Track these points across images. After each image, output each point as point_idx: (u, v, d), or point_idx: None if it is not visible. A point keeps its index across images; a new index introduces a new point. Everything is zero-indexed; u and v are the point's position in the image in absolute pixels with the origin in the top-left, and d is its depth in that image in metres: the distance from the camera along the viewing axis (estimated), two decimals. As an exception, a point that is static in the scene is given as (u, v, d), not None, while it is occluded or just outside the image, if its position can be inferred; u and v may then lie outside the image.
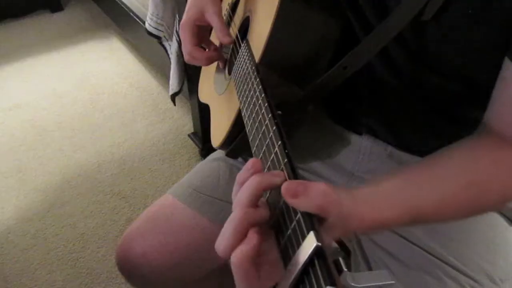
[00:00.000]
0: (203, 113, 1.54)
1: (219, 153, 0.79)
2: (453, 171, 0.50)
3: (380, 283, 0.30)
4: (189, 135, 1.73)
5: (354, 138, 0.69)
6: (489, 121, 0.54)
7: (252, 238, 0.34)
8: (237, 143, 0.65)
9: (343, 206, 0.39)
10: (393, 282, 0.31)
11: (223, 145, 0.67)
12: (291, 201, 0.34)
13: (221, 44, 0.76)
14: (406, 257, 0.64)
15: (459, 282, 0.61)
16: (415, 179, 0.49)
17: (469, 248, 0.63)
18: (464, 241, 0.64)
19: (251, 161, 0.39)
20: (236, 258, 0.34)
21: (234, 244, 0.35)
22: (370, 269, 0.66)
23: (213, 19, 0.67)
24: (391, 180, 0.48)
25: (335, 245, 0.38)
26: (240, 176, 0.39)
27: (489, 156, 0.51)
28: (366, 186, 0.47)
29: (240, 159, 0.76)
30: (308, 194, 0.35)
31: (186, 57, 0.71)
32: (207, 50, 0.73)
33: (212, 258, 0.76)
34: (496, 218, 0.66)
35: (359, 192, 0.45)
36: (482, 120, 0.55)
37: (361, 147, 0.69)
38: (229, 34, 0.67)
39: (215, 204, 0.73)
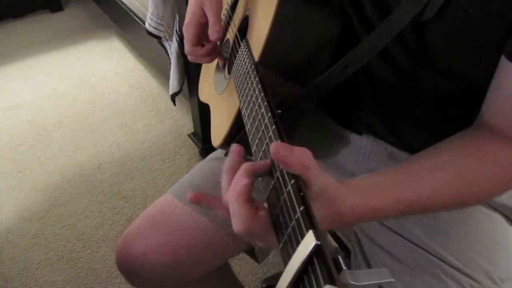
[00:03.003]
0: (203, 113, 1.54)
1: (219, 153, 0.79)
2: (443, 163, 0.51)
3: (380, 281, 0.30)
4: (189, 135, 1.73)
5: (354, 138, 0.69)
6: (483, 115, 0.55)
7: (241, 178, 0.39)
8: (236, 143, 0.65)
9: (326, 177, 0.41)
10: (392, 279, 0.31)
11: (223, 145, 0.67)
12: (278, 157, 0.38)
13: (221, 43, 0.76)
14: (406, 257, 0.63)
15: (459, 282, 0.61)
16: (405, 169, 0.51)
17: (469, 248, 0.63)
18: (464, 241, 0.64)
19: (232, 148, 0.44)
20: (230, 195, 0.39)
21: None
22: (370, 268, 0.66)
23: (208, 14, 0.66)
24: (382, 172, 0.50)
25: (335, 244, 0.38)
26: (226, 164, 0.43)
27: (478, 150, 0.52)
28: (358, 178, 0.49)
29: (240, 159, 0.76)
30: (293, 153, 0.38)
31: (189, 57, 0.71)
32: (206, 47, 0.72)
33: (212, 258, 0.76)
34: (496, 218, 0.66)
35: (350, 181, 0.47)
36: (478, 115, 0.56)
37: (361, 147, 0.69)
38: (218, 31, 0.66)
39: (215, 203, 0.73)
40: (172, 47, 1.44)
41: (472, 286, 0.61)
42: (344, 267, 0.30)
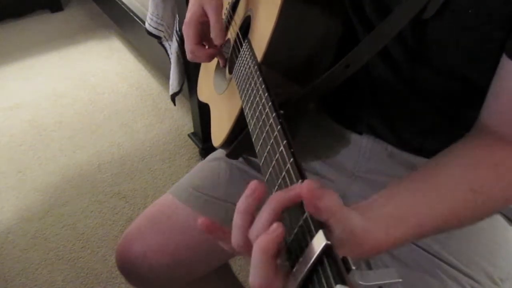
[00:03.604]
0: (203, 113, 1.54)
1: (219, 153, 0.79)
2: (455, 180, 0.49)
3: (388, 281, 0.31)
4: (189, 135, 1.73)
5: (354, 137, 0.69)
6: (485, 120, 0.54)
7: (278, 227, 0.34)
8: (238, 143, 0.65)
9: (352, 219, 0.38)
10: (400, 280, 0.31)
11: (224, 145, 0.67)
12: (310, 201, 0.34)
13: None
14: (406, 257, 0.64)
15: (459, 282, 0.61)
16: (422, 192, 0.49)
17: (469, 248, 0.63)
18: (464, 241, 0.64)
19: (252, 185, 0.38)
20: (261, 244, 0.33)
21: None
22: (370, 269, 0.66)
23: (210, 14, 0.65)
24: (399, 194, 0.48)
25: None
26: (242, 204, 0.38)
27: (489, 159, 0.51)
28: (376, 201, 0.47)
29: (240, 159, 0.76)
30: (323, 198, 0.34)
31: (189, 55, 0.70)
32: (207, 47, 0.72)
33: (212, 258, 0.76)
34: (496, 218, 0.66)
35: (370, 209, 0.45)
36: (478, 118, 0.55)
37: (361, 147, 0.69)
38: (220, 35, 0.65)
39: (215, 203, 0.73)
40: (172, 47, 1.44)
41: (472, 286, 0.61)
42: (353, 267, 0.30)
